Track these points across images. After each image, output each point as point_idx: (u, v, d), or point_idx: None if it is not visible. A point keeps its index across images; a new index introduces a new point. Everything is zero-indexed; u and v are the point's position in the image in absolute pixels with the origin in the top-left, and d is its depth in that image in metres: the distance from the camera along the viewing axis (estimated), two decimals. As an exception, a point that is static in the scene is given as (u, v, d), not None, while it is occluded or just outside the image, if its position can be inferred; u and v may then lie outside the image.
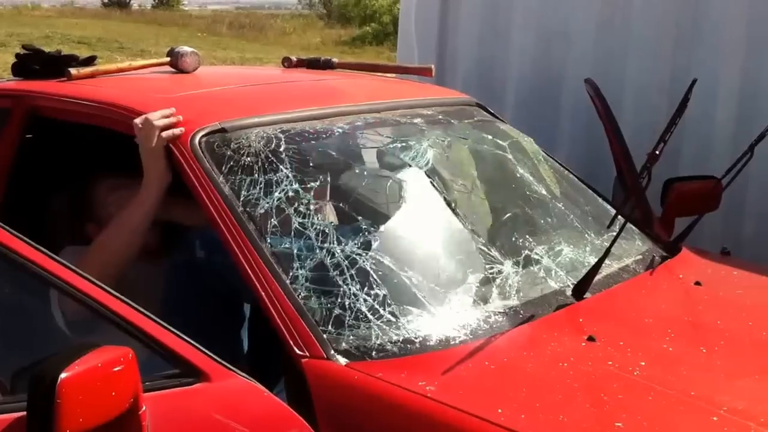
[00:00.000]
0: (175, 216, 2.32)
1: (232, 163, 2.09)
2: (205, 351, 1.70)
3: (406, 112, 2.53)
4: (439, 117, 2.58)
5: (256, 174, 2.08)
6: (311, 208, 2.04)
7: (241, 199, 2.03)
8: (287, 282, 1.90)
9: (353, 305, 1.89)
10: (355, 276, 1.93)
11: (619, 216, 2.26)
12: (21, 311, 1.92)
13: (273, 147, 2.14)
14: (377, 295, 1.91)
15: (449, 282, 2.03)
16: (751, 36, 3.50)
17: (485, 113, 2.84)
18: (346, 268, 1.94)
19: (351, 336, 1.85)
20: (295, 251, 1.95)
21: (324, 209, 2.11)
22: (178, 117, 2.16)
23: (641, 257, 2.49)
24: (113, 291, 1.66)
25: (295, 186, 2.07)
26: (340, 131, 2.31)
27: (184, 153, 2.11)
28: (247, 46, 22.57)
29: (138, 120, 2.15)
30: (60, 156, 2.73)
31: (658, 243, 2.64)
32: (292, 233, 1.99)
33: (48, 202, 2.65)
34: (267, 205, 2.02)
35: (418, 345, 1.86)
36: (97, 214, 2.45)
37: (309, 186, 2.09)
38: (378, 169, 2.42)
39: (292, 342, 1.82)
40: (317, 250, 1.96)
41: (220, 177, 2.06)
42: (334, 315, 1.87)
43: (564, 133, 3.96)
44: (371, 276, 1.94)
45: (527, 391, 1.74)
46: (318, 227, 2.00)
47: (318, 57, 3.15)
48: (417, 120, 2.48)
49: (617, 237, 2.13)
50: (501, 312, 2.01)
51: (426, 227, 2.20)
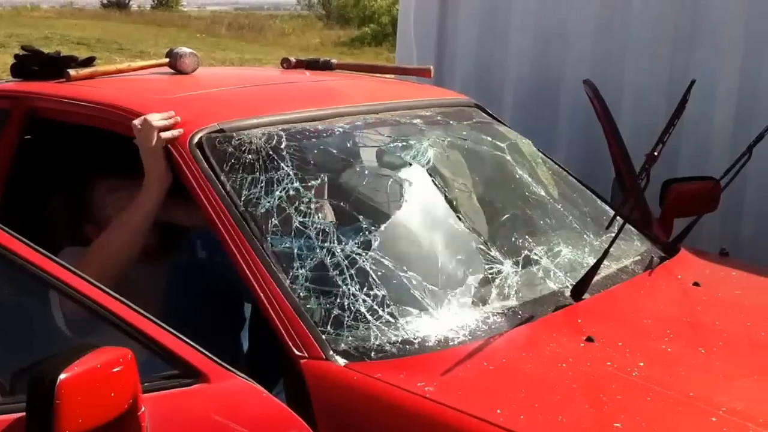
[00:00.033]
0: (175, 217, 2.32)
1: (230, 164, 2.10)
2: (204, 352, 1.70)
3: (404, 112, 2.53)
4: (438, 118, 2.58)
5: (254, 174, 2.08)
6: (311, 208, 2.05)
7: (240, 200, 2.03)
8: (285, 283, 1.90)
9: (352, 306, 1.89)
10: (354, 276, 1.93)
11: (618, 217, 2.27)
12: (20, 312, 1.91)
13: (272, 147, 2.14)
14: (376, 296, 1.91)
15: (448, 282, 2.03)
16: (749, 37, 3.50)
17: (484, 114, 2.84)
18: (345, 268, 1.94)
19: (350, 337, 1.85)
20: (295, 251, 1.95)
21: (323, 209, 2.11)
22: (176, 118, 2.16)
23: (640, 258, 2.49)
24: (112, 292, 1.66)
25: (296, 185, 2.08)
26: (339, 131, 2.31)
27: (182, 154, 2.11)
28: (246, 47, 22.55)
29: (137, 121, 2.15)
30: (59, 157, 2.73)
31: (656, 244, 2.64)
32: (290, 234, 1.99)
33: (47, 203, 2.65)
34: (265, 206, 2.03)
35: (417, 346, 1.86)
36: (96, 215, 2.45)
37: (308, 186, 2.09)
38: (377, 168, 2.42)
39: (290, 343, 1.82)
40: (317, 250, 1.97)
41: (218, 178, 2.06)
42: (333, 316, 1.87)
43: (562, 135, 3.96)
44: (370, 276, 1.94)
45: (526, 392, 1.74)
46: (317, 227, 2.01)
47: (317, 58, 3.15)
48: (416, 120, 2.48)
49: (616, 238, 2.13)
50: (500, 312, 2.01)
51: (425, 228, 2.19)
